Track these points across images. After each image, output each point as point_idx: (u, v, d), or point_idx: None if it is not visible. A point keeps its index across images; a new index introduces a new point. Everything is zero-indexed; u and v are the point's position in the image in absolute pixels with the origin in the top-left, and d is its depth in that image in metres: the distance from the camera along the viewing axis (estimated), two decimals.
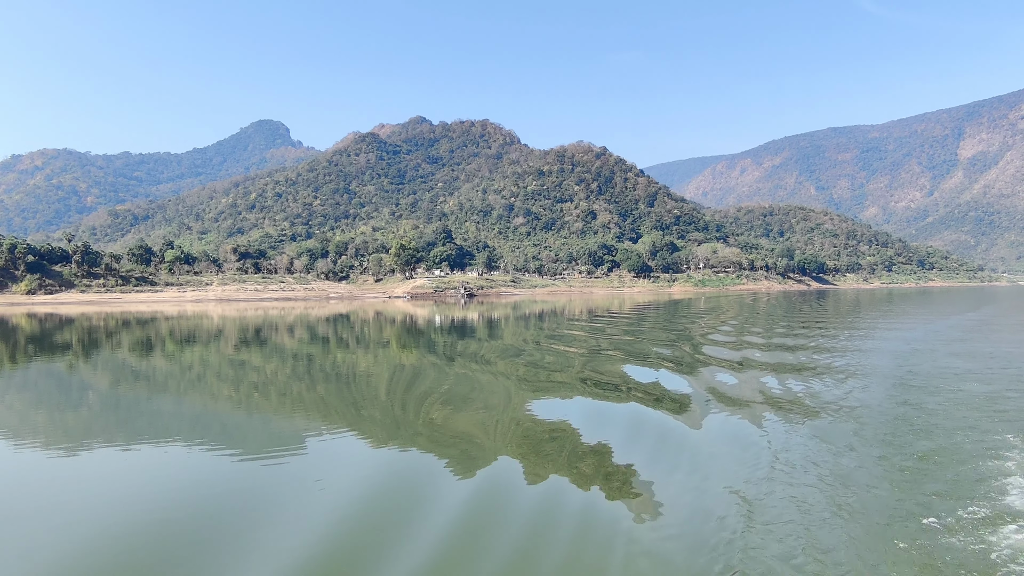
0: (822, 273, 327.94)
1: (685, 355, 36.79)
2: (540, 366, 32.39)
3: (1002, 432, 17.40)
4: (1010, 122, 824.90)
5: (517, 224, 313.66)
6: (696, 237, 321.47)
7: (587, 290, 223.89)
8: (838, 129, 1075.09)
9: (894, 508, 12.32)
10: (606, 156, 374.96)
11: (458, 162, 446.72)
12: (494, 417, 20.54)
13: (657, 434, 18.58)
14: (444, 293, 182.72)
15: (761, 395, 23.72)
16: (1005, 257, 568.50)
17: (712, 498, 13.18)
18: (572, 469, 15.15)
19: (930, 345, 39.74)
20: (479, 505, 13.06)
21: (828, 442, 16.99)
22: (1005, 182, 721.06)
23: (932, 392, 23.41)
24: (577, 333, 52.55)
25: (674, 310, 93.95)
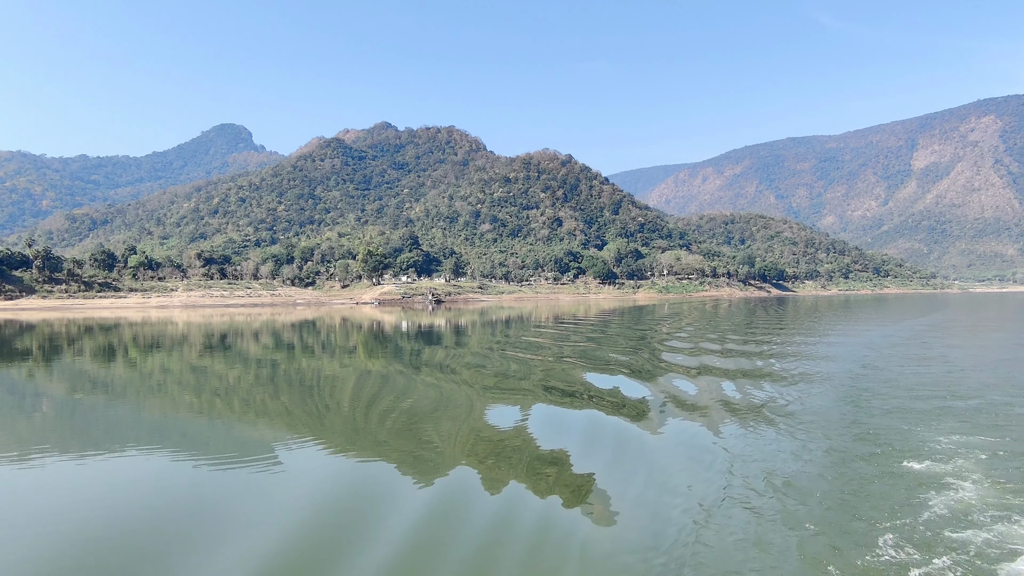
0: (782, 280, 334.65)
1: (645, 362, 37.28)
2: (503, 374, 32.45)
3: (948, 437, 17.93)
4: (960, 134, 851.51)
5: (484, 231, 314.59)
6: (660, 244, 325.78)
7: (553, 296, 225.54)
8: (797, 139, 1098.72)
9: (843, 514, 12.56)
10: (572, 164, 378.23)
11: (424, 168, 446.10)
12: (455, 425, 20.51)
13: (615, 441, 18.80)
14: (412, 299, 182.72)
15: (719, 401, 24.07)
16: (956, 265, 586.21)
17: (668, 504, 13.35)
18: (530, 477, 15.23)
19: (883, 350, 41.03)
20: (437, 513, 13.09)
21: (782, 448, 17.30)
22: (956, 192, 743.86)
23: (883, 398, 23.99)
24: (541, 340, 52.62)
25: (638, 316, 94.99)
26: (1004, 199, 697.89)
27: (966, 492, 13.38)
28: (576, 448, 17.78)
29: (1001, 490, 13.53)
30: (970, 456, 15.98)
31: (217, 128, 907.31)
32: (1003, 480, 14.18)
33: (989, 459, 15.79)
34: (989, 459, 15.79)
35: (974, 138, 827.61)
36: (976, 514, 12.18)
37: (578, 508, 13.22)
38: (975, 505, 12.63)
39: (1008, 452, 16.39)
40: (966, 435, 18.05)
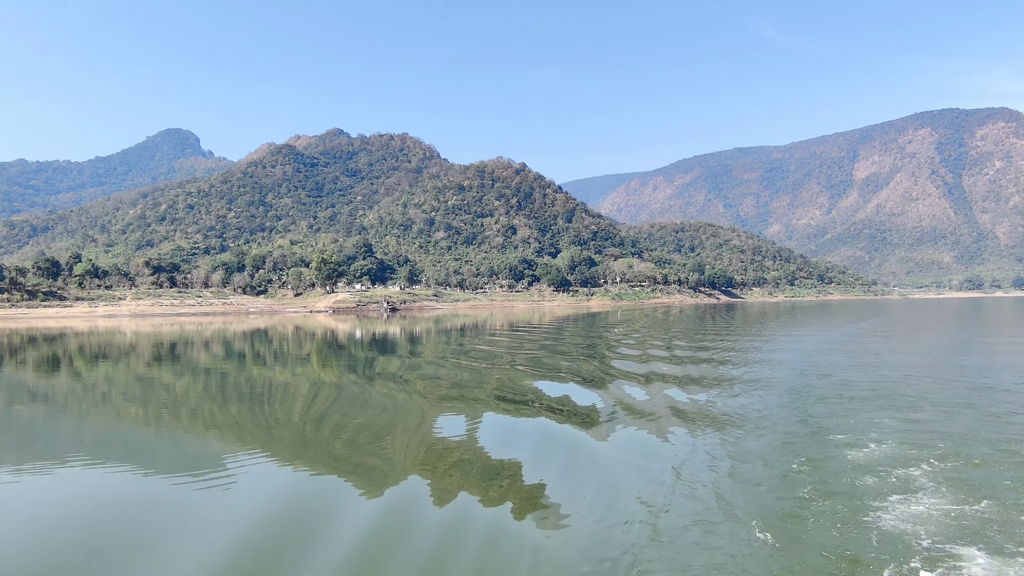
0: (730, 287, 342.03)
1: (596, 369, 37.66)
2: (456, 383, 32.35)
3: (888, 439, 18.52)
4: (899, 146, 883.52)
5: (438, 238, 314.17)
6: (612, 252, 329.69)
7: (508, 304, 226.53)
8: (744, 149, 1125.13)
9: (788, 515, 12.86)
10: (525, 172, 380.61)
11: (377, 176, 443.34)
12: (407, 436, 20.45)
13: (566, 449, 18.88)
14: (367, 307, 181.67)
15: (667, 407, 24.34)
16: (896, 272, 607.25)
17: (618, 510, 13.45)
18: (481, 486, 15.22)
19: (825, 354, 42.55)
20: (386, 525, 12.97)
21: (728, 451, 17.67)
22: (895, 202, 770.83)
23: (825, 401, 24.74)
24: (495, 349, 52.71)
25: (591, 323, 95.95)
26: (940, 209, 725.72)
27: (909, 493, 13.80)
28: (527, 457, 17.82)
29: (943, 491, 13.96)
30: (912, 458, 16.50)
31: (163, 133, 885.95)
32: (944, 484, 14.59)
33: (929, 458, 16.37)
34: (929, 458, 16.37)
35: (912, 150, 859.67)
36: (919, 515, 12.52)
37: (529, 516, 13.27)
38: (919, 507, 12.96)
39: (950, 457, 16.85)
40: (906, 436, 18.76)
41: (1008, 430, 19.42)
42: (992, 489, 14.07)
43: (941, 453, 16.85)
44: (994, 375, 31.89)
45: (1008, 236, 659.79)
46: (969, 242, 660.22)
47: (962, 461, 16.20)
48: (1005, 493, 13.79)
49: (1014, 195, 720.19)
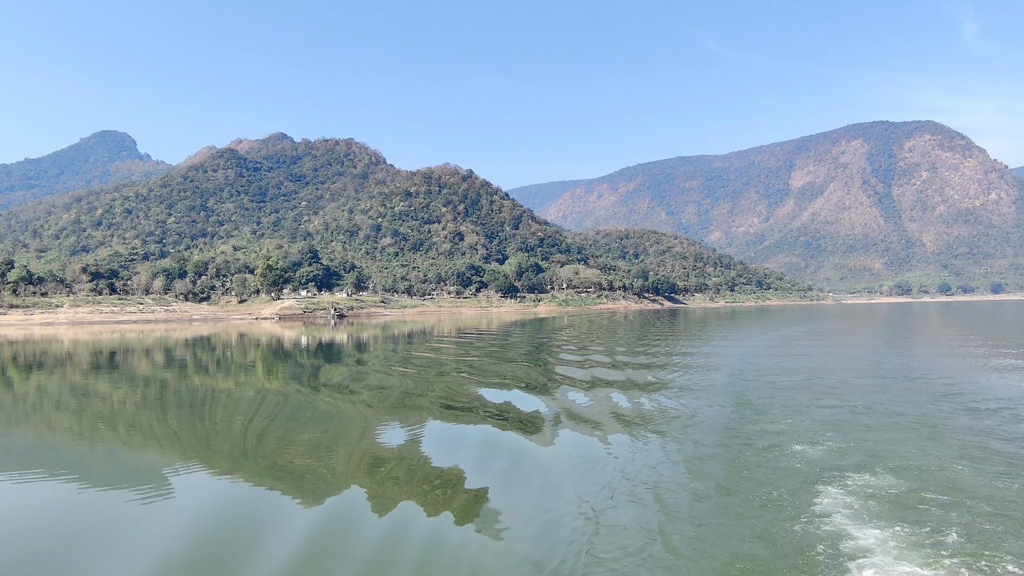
0: (674, 293, 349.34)
1: (540, 375, 37.90)
2: (401, 391, 32.20)
3: (822, 440, 19.08)
4: (833, 156, 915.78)
5: (385, 245, 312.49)
6: (559, 259, 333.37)
7: (456, 310, 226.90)
8: (685, 158, 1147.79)
9: (727, 516, 13.13)
10: (472, 179, 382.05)
11: (322, 181, 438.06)
12: (350, 445, 20.26)
13: (509, 455, 18.95)
14: (314, 314, 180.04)
15: (609, 412, 24.60)
16: (830, 278, 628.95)
17: (560, 517, 13.50)
18: (423, 494, 15.19)
19: (762, 357, 43.79)
20: (324, 534, 12.87)
21: (668, 454, 17.92)
22: (829, 210, 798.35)
23: (761, 403, 25.30)
24: (441, 357, 52.45)
25: (537, 329, 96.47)
26: (871, 217, 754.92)
27: (843, 492, 14.19)
28: (470, 464, 17.86)
29: (869, 486, 14.51)
30: (847, 455, 17.16)
31: (98, 135, 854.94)
32: (871, 476, 15.27)
33: (862, 455, 17.07)
34: (862, 455, 17.07)
35: (845, 160, 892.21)
36: (854, 515, 12.83)
37: (470, 524, 13.26)
38: (850, 505, 13.31)
39: (876, 447, 17.85)
40: (841, 436, 19.46)
41: (936, 428, 20.44)
42: (921, 485, 14.65)
43: (872, 453, 17.53)
44: (918, 376, 33.46)
45: (934, 244, 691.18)
46: (898, 249, 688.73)
47: (890, 456, 16.92)
48: (935, 492, 14.35)
49: (939, 204, 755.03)
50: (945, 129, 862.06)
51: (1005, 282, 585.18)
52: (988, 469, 15.89)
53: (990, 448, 17.82)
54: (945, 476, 15.32)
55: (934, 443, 18.49)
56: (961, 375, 33.73)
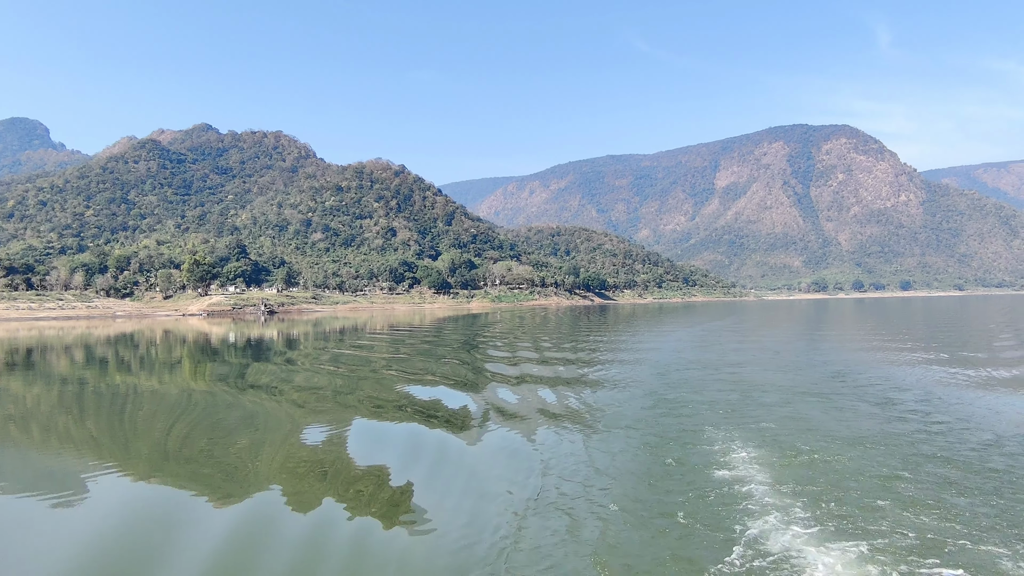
0: (604, 289, 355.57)
1: (470, 371, 38.12)
2: (329, 389, 31.87)
3: (740, 428, 19.86)
4: (755, 157, 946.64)
5: (315, 240, 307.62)
6: (492, 255, 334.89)
7: (389, 306, 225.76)
8: (615, 157, 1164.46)
9: (649, 508, 13.47)
10: (405, 175, 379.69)
11: (250, 174, 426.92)
12: (274, 445, 19.94)
13: (436, 452, 19.05)
14: (243, 310, 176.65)
15: (537, 408, 24.89)
16: (752, 275, 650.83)
17: (487, 512, 13.67)
18: (347, 493, 15.15)
19: (686, 351, 44.74)
20: (244, 536, 12.69)
21: (593, 448, 18.27)
22: (752, 210, 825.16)
23: (683, 396, 26.03)
24: (371, 354, 51.92)
25: (470, 325, 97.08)
26: (791, 217, 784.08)
27: (761, 484, 14.63)
28: (396, 462, 17.90)
29: (788, 479, 15.13)
30: (763, 445, 17.88)
31: (7, 122, 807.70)
32: (788, 467, 15.96)
33: (777, 445, 17.81)
34: (777, 445, 17.81)
35: (766, 161, 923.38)
36: (769, 506, 13.27)
37: (395, 522, 13.30)
38: (769, 497, 13.80)
39: (790, 435, 18.72)
40: (755, 425, 20.37)
41: (850, 419, 21.64)
42: (837, 476, 15.54)
43: (788, 442, 18.36)
44: (831, 367, 35.19)
45: (849, 243, 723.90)
46: (816, 248, 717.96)
47: (800, 442, 17.72)
48: (853, 483, 15.30)
49: (854, 205, 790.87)
50: (860, 133, 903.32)
51: (913, 280, 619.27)
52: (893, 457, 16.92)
53: (893, 436, 19.05)
54: (849, 459, 16.30)
55: (842, 428, 19.57)
56: (874, 368, 35.76)
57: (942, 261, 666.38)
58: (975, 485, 14.57)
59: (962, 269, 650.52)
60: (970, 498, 13.72)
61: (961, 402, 24.53)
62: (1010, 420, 21.27)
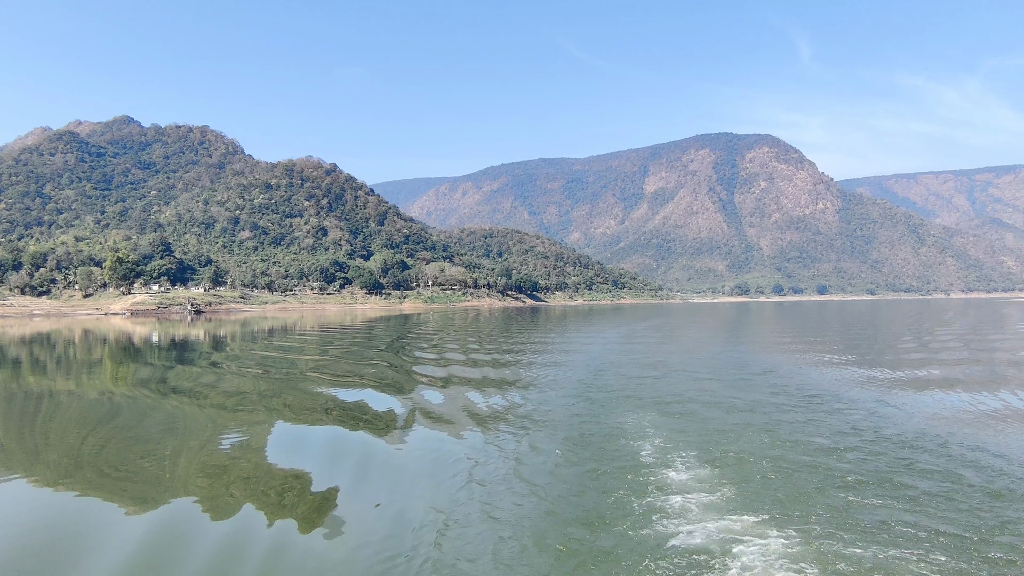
0: (536, 291, 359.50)
1: (398, 373, 37.89)
2: (253, 392, 31.11)
3: (665, 430, 20.20)
4: (683, 164, 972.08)
5: (244, 238, 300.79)
6: (425, 256, 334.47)
7: (320, 306, 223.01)
8: (548, 160, 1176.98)
9: (575, 509, 13.55)
10: (336, 173, 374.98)
11: (174, 169, 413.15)
12: (191, 450, 19.31)
13: (360, 456, 18.85)
14: (169, 310, 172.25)
15: (465, 410, 24.89)
16: (679, 278, 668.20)
17: (410, 515, 13.59)
18: (266, 499, 14.84)
19: (613, 352, 45.42)
20: (155, 544, 12.30)
21: (520, 450, 18.36)
22: (679, 215, 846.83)
23: (609, 395, 26.47)
24: (297, 356, 50.87)
25: (401, 325, 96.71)
26: (716, 222, 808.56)
27: (683, 485, 14.81)
28: (318, 467, 17.68)
29: (708, 481, 15.44)
30: (687, 450, 17.97)
31: None
32: (711, 470, 16.26)
33: (702, 448, 18.09)
34: (702, 448, 18.09)
35: (693, 168, 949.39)
36: (693, 505, 13.49)
37: (315, 528, 13.14)
38: (691, 497, 13.96)
39: (712, 436, 19.25)
40: (680, 426, 20.79)
41: (763, 419, 22.26)
42: (749, 470, 15.99)
43: (706, 440, 18.92)
44: (746, 367, 36.30)
45: (769, 248, 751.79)
46: (739, 252, 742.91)
47: (721, 441, 18.26)
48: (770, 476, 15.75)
49: (775, 212, 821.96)
50: (781, 143, 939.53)
51: (829, 284, 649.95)
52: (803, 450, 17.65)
53: (803, 431, 19.89)
54: (764, 454, 16.83)
55: (757, 428, 20.25)
56: (790, 368, 37.21)
57: (856, 267, 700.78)
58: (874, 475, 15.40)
59: (874, 274, 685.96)
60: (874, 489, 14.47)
61: (869, 400, 25.88)
62: (913, 413, 22.66)
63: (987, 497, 14.15)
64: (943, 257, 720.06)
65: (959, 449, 18.16)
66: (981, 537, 11.88)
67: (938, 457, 17.36)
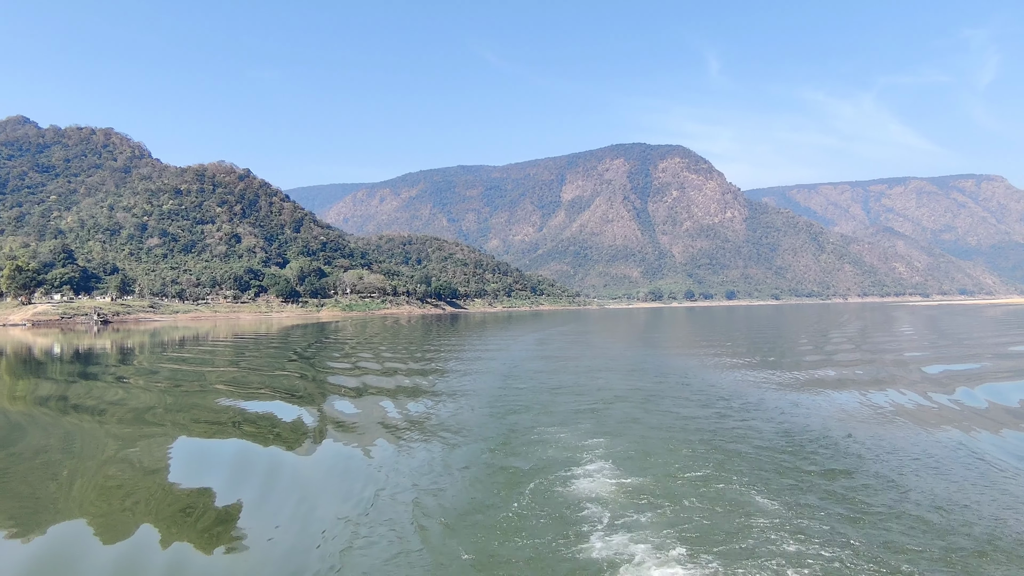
0: (455, 298, 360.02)
1: (309, 383, 37.24)
2: (157, 406, 29.61)
3: (580, 436, 20.53)
4: (599, 173, 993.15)
5: (152, 245, 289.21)
6: (342, 263, 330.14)
7: (234, 315, 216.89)
8: (467, 167, 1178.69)
9: (485, 516, 13.63)
10: (250, 179, 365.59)
11: (76, 173, 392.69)
12: (89, 471, 18.34)
13: (266, 470, 18.45)
14: (74, 320, 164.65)
15: (377, 420, 24.59)
16: (595, 285, 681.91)
17: (316, 530, 13.37)
18: (165, 518, 14.34)
19: (529, 358, 45.68)
20: (44, 570, 11.89)
21: (432, 460, 18.29)
22: (595, 223, 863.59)
23: (523, 401, 26.77)
24: (204, 368, 48.84)
25: (316, 334, 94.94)
26: (630, 230, 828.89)
27: (599, 494, 14.82)
28: (223, 482, 17.19)
29: (627, 488, 15.60)
30: (601, 454, 18.29)
31: None
32: (626, 477, 16.46)
33: (615, 455, 18.28)
34: (615, 455, 18.28)
35: (609, 176, 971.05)
36: (606, 514, 13.53)
37: (217, 546, 12.80)
38: (606, 505, 14.07)
39: (627, 441, 19.55)
40: (596, 433, 20.95)
41: (674, 419, 23.00)
42: (659, 469, 16.44)
43: (617, 444, 19.30)
44: (661, 371, 37.39)
45: (681, 255, 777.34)
46: (653, 259, 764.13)
47: (632, 444, 18.77)
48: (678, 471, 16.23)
49: (686, 220, 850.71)
50: (692, 154, 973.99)
51: (737, 290, 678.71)
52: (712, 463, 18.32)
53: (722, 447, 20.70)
54: (674, 459, 17.43)
55: (667, 428, 20.97)
56: (697, 371, 38.38)
57: (762, 273, 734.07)
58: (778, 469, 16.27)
59: (778, 280, 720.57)
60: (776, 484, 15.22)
61: (767, 399, 27.18)
62: (811, 412, 24.06)
63: (886, 492, 15.22)
64: (841, 264, 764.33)
65: (847, 443, 19.59)
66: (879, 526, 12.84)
67: (814, 449, 18.58)
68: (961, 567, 11.06)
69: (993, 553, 11.60)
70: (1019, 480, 16.09)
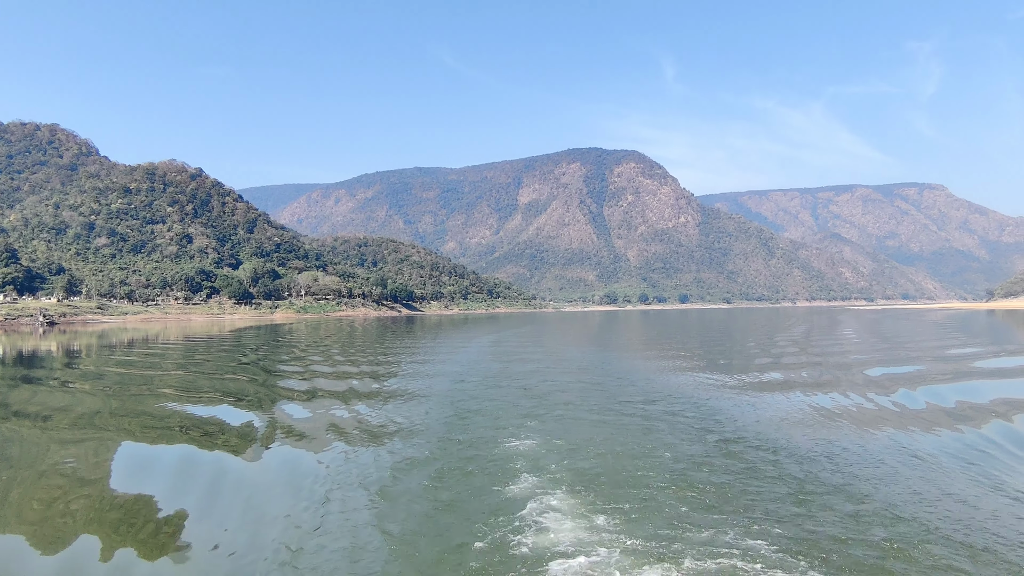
0: (411, 301, 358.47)
1: (259, 387, 36.72)
2: (100, 410, 28.76)
3: (533, 438, 20.61)
4: (555, 176, 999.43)
5: (100, 245, 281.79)
6: (297, 265, 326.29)
7: (185, 317, 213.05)
8: (423, 169, 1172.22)
9: (437, 521, 13.66)
10: (202, 178, 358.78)
11: (19, 170, 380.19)
12: (26, 481, 17.87)
13: (212, 477, 18.13)
14: (18, 321, 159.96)
15: (327, 424, 24.40)
16: (552, 288, 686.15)
17: (263, 537, 13.19)
18: (105, 528, 14.01)
19: (483, 361, 45.96)
20: None
21: (382, 464, 18.21)
22: (552, 226, 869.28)
23: (476, 404, 26.93)
24: (155, 372, 47.44)
25: (269, 337, 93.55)
26: (586, 233, 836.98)
27: (550, 495, 14.93)
28: (166, 489, 16.85)
29: (579, 491, 15.71)
30: (552, 455, 18.51)
31: None
32: (579, 480, 16.63)
33: (568, 455, 18.57)
34: (568, 455, 18.57)
35: (565, 180, 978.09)
36: (558, 515, 13.57)
37: (161, 555, 12.58)
38: (557, 507, 14.12)
39: (577, 442, 19.97)
40: (548, 434, 21.25)
41: (628, 420, 23.29)
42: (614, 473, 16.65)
43: (569, 446, 19.56)
44: (616, 374, 37.97)
45: (636, 259, 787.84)
46: (608, 263, 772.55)
47: (585, 443, 19.01)
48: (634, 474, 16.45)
49: (640, 225, 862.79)
50: (646, 159, 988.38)
51: (690, 293, 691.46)
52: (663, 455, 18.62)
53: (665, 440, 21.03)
54: (620, 454, 17.70)
55: (612, 428, 21.22)
56: (651, 373, 39.08)
57: (714, 277, 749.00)
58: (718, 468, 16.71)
59: (730, 284, 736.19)
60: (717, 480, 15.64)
61: (718, 400, 27.89)
62: (759, 413, 24.77)
63: (829, 491, 15.78)
64: (790, 268, 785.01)
65: (786, 442, 20.29)
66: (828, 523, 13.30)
67: (757, 451, 19.20)
68: (895, 557, 11.68)
69: (925, 545, 12.30)
70: (953, 477, 16.91)
